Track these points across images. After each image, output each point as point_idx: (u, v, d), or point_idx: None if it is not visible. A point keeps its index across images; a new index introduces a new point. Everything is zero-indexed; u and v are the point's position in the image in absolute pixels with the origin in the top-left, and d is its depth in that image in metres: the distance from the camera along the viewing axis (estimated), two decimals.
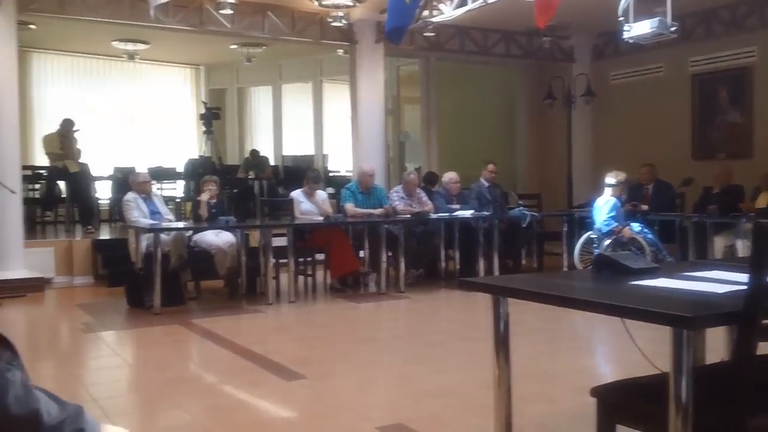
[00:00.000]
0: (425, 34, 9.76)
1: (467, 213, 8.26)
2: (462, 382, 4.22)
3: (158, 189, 10.41)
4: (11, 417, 1.04)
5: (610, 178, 7.81)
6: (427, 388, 4.10)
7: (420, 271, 8.33)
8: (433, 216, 8.12)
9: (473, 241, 8.06)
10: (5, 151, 7.77)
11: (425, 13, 8.33)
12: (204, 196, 7.45)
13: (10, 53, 7.88)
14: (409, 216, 7.96)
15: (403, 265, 7.60)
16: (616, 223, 7.63)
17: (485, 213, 8.37)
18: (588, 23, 10.25)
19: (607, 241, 7.64)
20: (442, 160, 11.39)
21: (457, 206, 8.48)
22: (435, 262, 8.24)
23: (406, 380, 4.36)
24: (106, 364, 5.10)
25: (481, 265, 8.01)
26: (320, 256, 7.89)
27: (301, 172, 9.78)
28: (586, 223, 8.20)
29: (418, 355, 4.99)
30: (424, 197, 8.43)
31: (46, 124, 11.09)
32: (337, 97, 13.42)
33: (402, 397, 4.00)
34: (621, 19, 5.33)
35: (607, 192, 7.79)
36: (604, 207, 7.71)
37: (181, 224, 7.45)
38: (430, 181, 9.83)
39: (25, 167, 9.21)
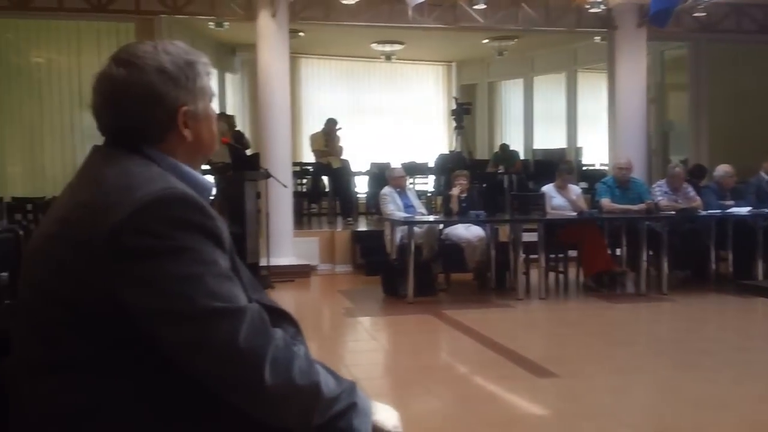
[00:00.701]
0: (695, 14, 9.00)
1: (744, 210, 7.38)
2: (737, 394, 3.76)
3: (411, 183, 10.77)
4: (296, 386, 1.12)
5: None
6: (695, 398, 3.71)
7: (686, 272, 7.65)
8: (703, 213, 7.39)
9: (751, 241, 7.17)
10: (279, 149, 8.55)
11: None
12: (455, 191, 7.53)
13: (284, 59, 8.65)
14: (673, 212, 7.34)
15: (666, 266, 7.02)
16: None
17: (766, 210, 7.41)
18: None
19: None
20: (713, 152, 10.35)
21: (732, 202, 7.62)
22: (704, 263, 7.47)
23: (670, 388, 3.98)
24: (364, 347, 5.38)
25: (760, 268, 7.10)
26: (573, 253, 7.58)
27: (552, 166, 9.51)
28: None
29: (683, 362, 4.55)
30: (692, 192, 7.71)
31: (312, 124, 12.03)
32: (592, 87, 12.88)
33: (665, 406, 3.65)
34: None
35: None
36: None
37: (432, 218, 7.60)
38: (697, 174, 8.98)
39: (294, 164, 10.07)
